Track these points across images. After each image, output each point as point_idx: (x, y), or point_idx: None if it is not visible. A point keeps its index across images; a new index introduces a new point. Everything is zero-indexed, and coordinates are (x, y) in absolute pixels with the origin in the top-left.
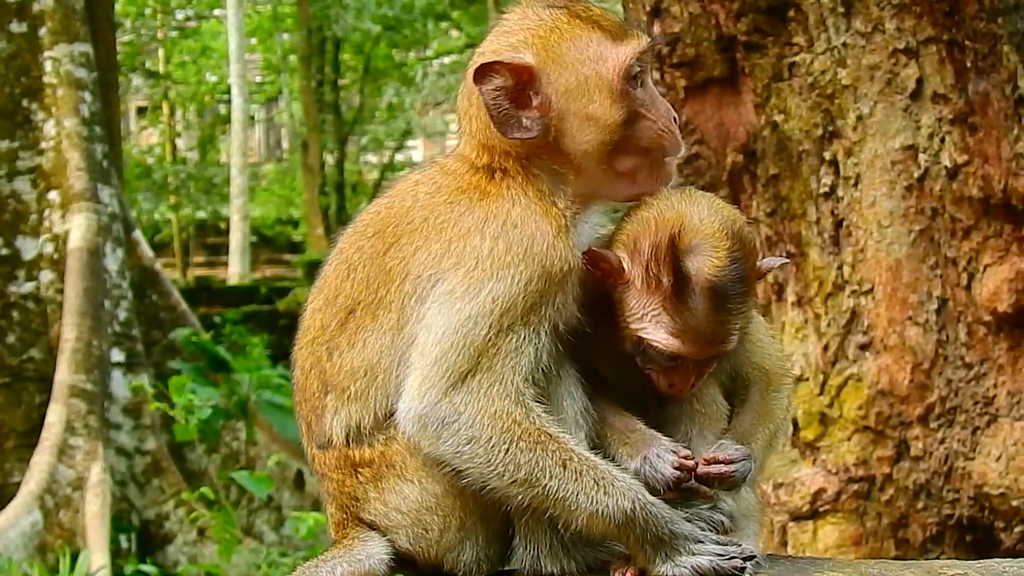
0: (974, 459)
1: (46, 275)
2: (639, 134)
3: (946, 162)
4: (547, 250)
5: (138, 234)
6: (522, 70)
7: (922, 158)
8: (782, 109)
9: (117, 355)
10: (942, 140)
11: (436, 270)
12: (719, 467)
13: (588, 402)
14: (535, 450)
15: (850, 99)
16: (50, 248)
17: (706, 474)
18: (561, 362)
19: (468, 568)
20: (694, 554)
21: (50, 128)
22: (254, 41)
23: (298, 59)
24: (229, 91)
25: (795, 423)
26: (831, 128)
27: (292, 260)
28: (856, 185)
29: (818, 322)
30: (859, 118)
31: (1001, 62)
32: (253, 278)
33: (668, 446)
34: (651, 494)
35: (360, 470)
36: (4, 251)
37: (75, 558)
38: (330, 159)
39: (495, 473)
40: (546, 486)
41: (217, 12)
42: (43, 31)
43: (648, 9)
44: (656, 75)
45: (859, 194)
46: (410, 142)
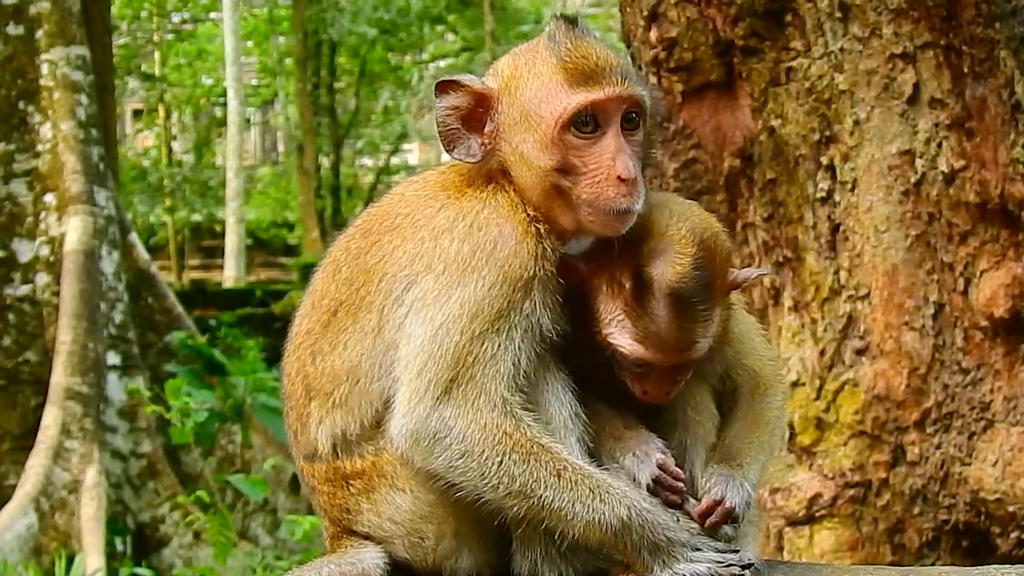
0: (970, 464)
1: (42, 278)
2: (573, 185)
3: (943, 167)
4: (508, 255)
5: (134, 237)
6: (479, 95)
7: (919, 163)
8: (779, 114)
9: (113, 358)
10: (939, 145)
11: (409, 271)
12: (717, 514)
13: (578, 406)
14: (528, 461)
15: (847, 104)
16: (46, 251)
17: (712, 525)
18: (547, 366)
19: (466, 575)
20: (692, 561)
21: (46, 131)
22: (250, 44)
23: (294, 62)
24: (225, 94)
25: (791, 428)
26: (828, 133)
27: (287, 263)
28: (853, 190)
29: (814, 327)
30: (856, 123)
31: (998, 67)
32: (248, 281)
33: (657, 447)
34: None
35: (351, 482)
36: (0, 254)
37: (71, 561)
38: (326, 162)
39: (489, 486)
40: (541, 497)
41: (213, 15)
42: (39, 34)
43: (645, 14)
44: (653, 80)
45: (856, 199)
46: (405, 145)
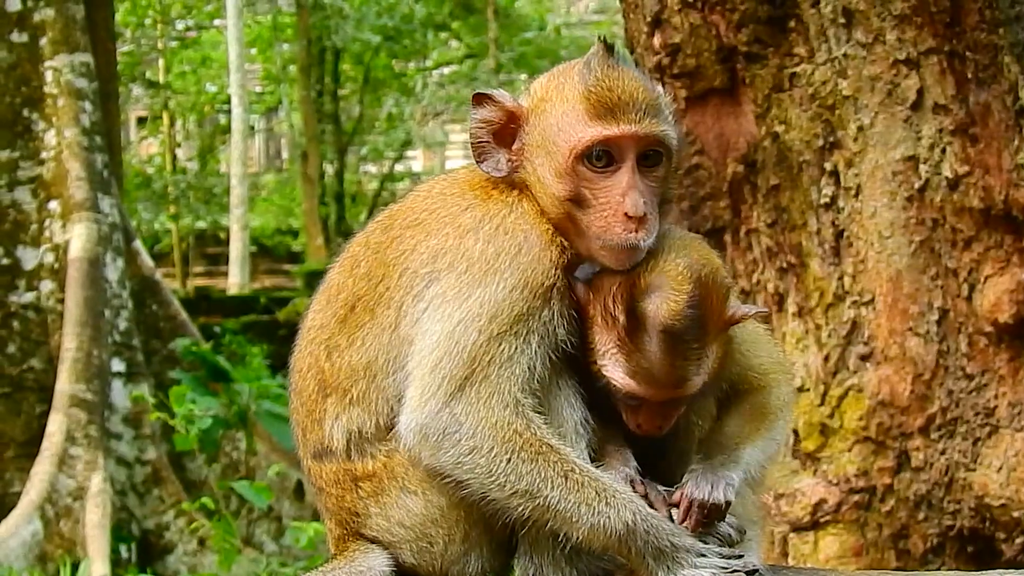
0: (975, 470)
1: (46, 285)
2: (583, 216)
3: (947, 173)
4: (531, 262)
5: (138, 244)
6: (508, 112)
7: (923, 169)
8: (783, 120)
9: (117, 365)
10: (943, 151)
11: (431, 268)
12: (693, 515)
13: (587, 413)
14: (536, 461)
15: (851, 110)
16: (50, 258)
17: (695, 527)
18: (560, 372)
19: None
20: (697, 567)
21: (51, 138)
22: (254, 51)
23: (298, 69)
24: (229, 101)
25: (796, 433)
26: (832, 139)
27: (292, 270)
28: (857, 196)
29: (819, 333)
30: (860, 129)
31: (1002, 73)
32: (253, 288)
33: (625, 476)
34: None
35: (360, 484)
36: (4, 261)
37: (75, 568)
38: (330, 169)
39: (496, 484)
40: (547, 497)
41: (217, 22)
42: (44, 41)
43: (649, 20)
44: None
45: (860, 205)
46: (410, 152)
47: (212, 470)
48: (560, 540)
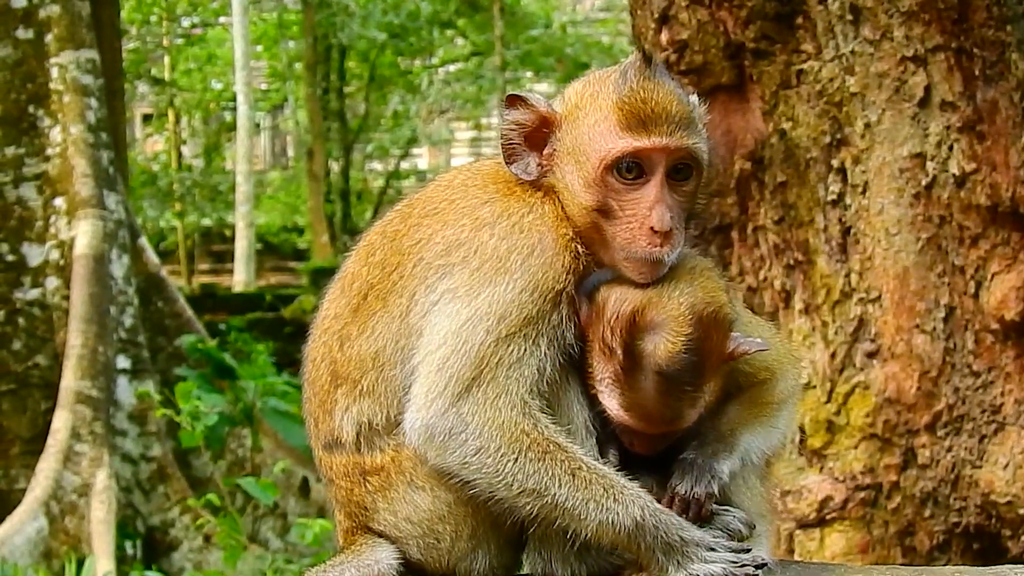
0: (981, 467)
1: (52, 281)
2: (609, 227)
3: (954, 170)
4: (543, 264)
5: (144, 241)
6: (541, 116)
7: (930, 166)
8: (790, 116)
9: (123, 362)
10: (950, 148)
11: (445, 261)
12: (676, 507)
13: (593, 414)
14: (544, 459)
15: (858, 106)
16: (56, 255)
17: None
18: (570, 370)
19: None
20: (706, 561)
21: (56, 135)
22: (260, 49)
23: (303, 67)
24: (235, 98)
25: (802, 430)
26: (839, 135)
27: (297, 267)
28: (864, 193)
29: (825, 330)
30: (867, 126)
31: (1009, 70)
32: (258, 285)
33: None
34: None
35: (369, 478)
36: (10, 257)
37: (81, 564)
38: (335, 167)
39: (503, 483)
40: (555, 495)
41: (223, 20)
42: (49, 38)
43: (656, 16)
44: None
45: (867, 202)
46: (415, 150)
47: (218, 467)
48: (569, 536)
